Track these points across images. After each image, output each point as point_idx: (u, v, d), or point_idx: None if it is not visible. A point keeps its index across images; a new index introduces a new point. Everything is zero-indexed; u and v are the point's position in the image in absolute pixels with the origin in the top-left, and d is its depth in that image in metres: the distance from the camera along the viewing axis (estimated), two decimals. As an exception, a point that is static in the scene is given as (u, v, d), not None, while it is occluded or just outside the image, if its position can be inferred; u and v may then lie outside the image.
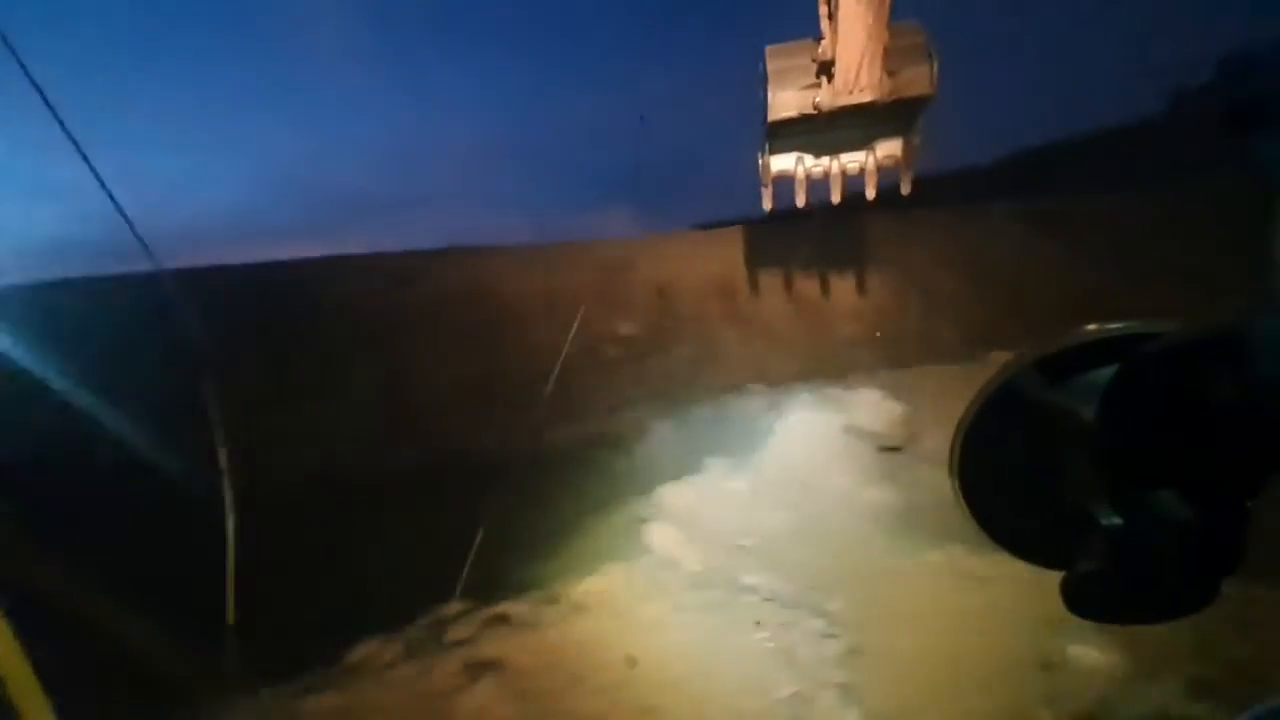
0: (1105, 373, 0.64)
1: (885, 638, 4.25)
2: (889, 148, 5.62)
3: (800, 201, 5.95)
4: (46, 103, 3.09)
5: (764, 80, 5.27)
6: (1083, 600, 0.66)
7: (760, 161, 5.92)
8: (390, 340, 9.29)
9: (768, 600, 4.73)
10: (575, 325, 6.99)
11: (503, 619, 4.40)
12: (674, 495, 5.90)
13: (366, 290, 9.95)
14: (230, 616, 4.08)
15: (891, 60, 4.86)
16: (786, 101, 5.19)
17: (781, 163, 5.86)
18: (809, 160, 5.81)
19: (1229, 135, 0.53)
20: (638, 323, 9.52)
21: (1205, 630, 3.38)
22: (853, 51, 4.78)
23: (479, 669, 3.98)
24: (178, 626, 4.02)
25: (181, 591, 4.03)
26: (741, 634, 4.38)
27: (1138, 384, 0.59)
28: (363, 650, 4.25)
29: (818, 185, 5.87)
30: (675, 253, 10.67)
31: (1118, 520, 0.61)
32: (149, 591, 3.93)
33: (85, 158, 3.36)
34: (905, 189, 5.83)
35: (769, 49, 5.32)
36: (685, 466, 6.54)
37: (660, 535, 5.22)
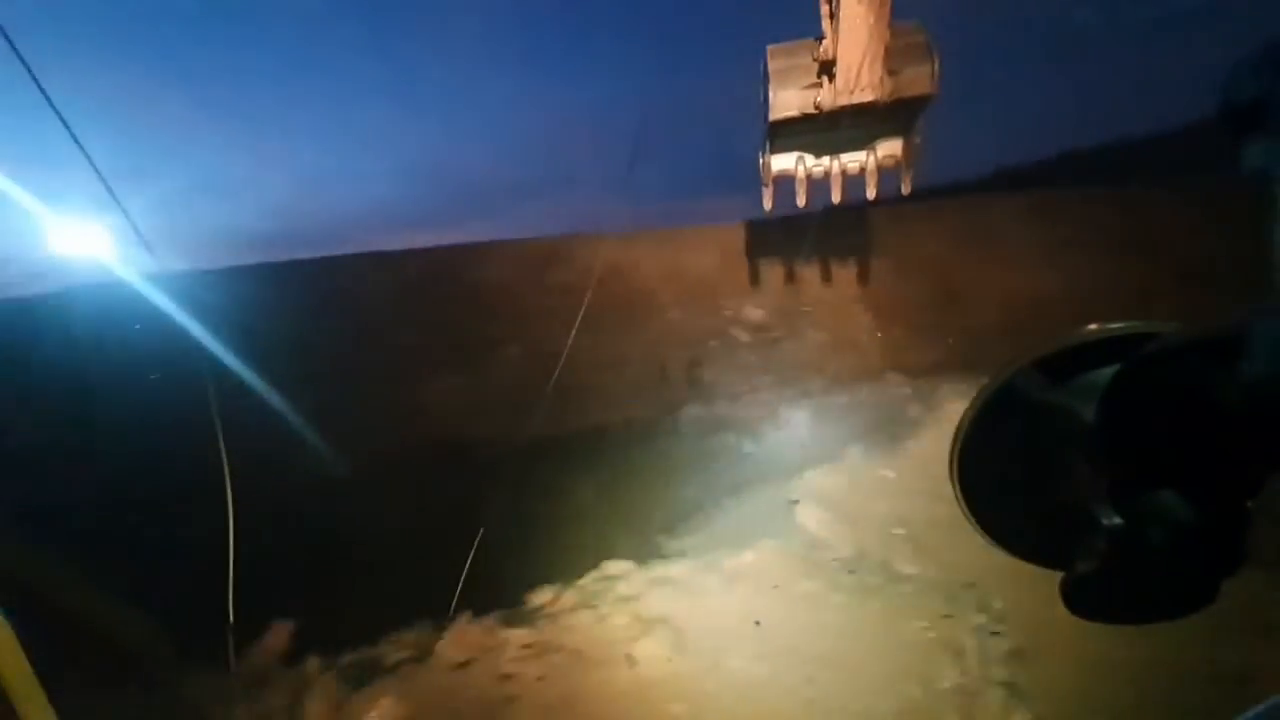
0: (1105, 373, 0.64)
1: (1053, 641, 4.06)
2: (890, 147, 5.58)
3: (801, 201, 5.91)
4: (53, 107, 2.87)
5: (765, 80, 5.27)
6: (1083, 600, 0.65)
7: (761, 161, 5.92)
8: (531, 322, 9.96)
9: (926, 590, 4.66)
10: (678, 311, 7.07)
11: (665, 581, 4.69)
12: (821, 480, 5.91)
13: (509, 275, 10.74)
14: (231, 616, 3.96)
15: (893, 60, 4.84)
16: (788, 101, 5.18)
17: (782, 162, 5.85)
18: (810, 160, 5.79)
19: (1229, 137, 0.52)
20: (767, 308, 9.48)
21: None
22: (854, 51, 4.76)
23: (649, 623, 4.31)
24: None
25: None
26: (902, 620, 4.36)
27: (1138, 384, 0.59)
28: (542, 596, 4.73)
29: (819, 185, 5.85)
30: (803, 236, 10.47)
31: (1118, 520, 0.60)
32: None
33: (94, 165, 3.25)
34: (905, 189, 5.74)
35: (770, 48, 5.30)
36: (826, 453, 6.52)
37: (811, 518, 5.27)
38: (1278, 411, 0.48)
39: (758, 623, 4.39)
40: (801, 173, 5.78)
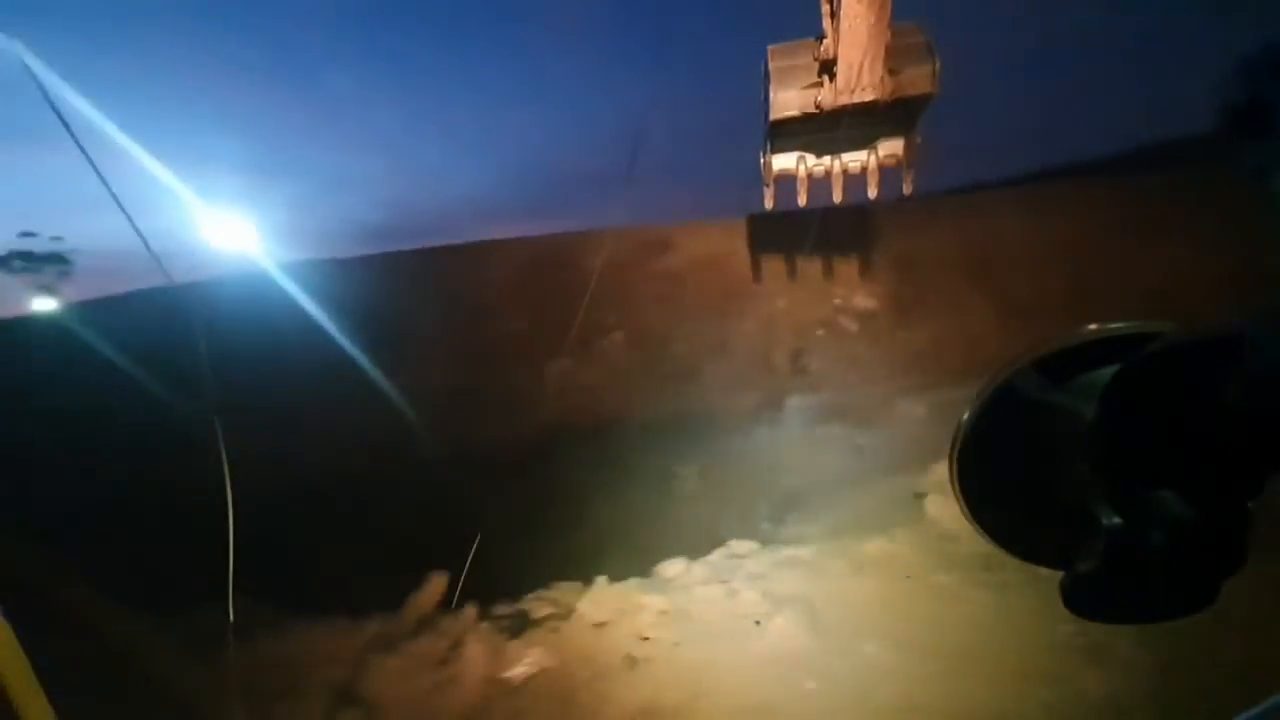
0: (1105, 373, 0.63)
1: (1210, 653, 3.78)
2: (891, 147, 5.57)
3: (802, 200, 5.92)
4: (61, 117, 2.99)
5: (766, 79, 5.28)
6: (1083, 600, 0.64)
7: (762, 161, 5.91)
8: (636, 308, 10.23)
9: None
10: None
11: (794, 562, 4.78)
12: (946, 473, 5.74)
13: (614, 261, 11.04)
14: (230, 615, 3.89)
15: (893, 59, 4.84)
16: (788, 101, 5.19)
17: (783, 162, 5.84)
18: (811, 159, 5.78)
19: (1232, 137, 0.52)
20: (879, 296, 9.20)
21: None
22: (854, 51, 4.75)
23: (781, 601, 4.42)
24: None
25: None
26: (1048, 622, 4.21)
27: (1138, 384, 0.58)
28: (672, 568, 4.96)
29: (820, 184, 5.86)
30: (915, 221, 10.02)
31: (1118, 520, 0.60)
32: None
33: (97, 170, 3.31)
34: (907, 189, 5.73)
35: (771, 48, 5.33)
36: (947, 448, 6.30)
37: (944, 511, 5.16)
38: (1278, 411, 0.48)
39: (757, 622, 4.43)
40: (803, 172, 5.80)
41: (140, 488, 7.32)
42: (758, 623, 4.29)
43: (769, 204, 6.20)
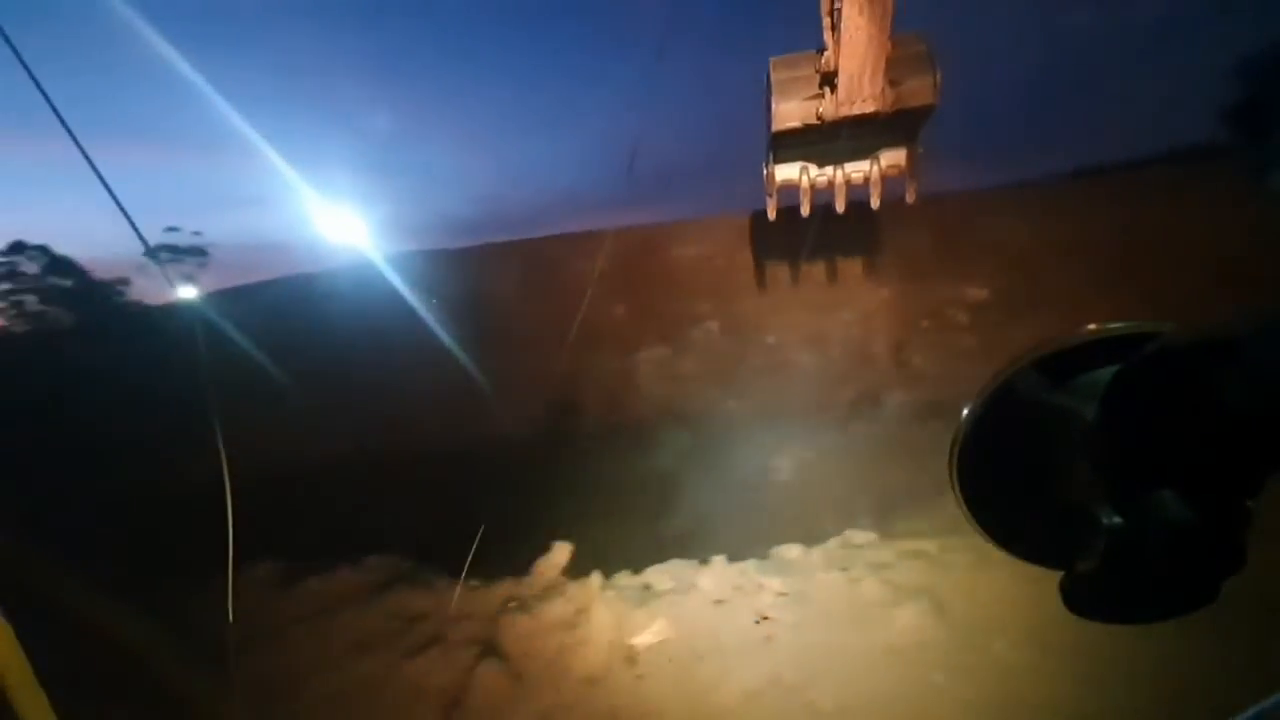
0: (1105, 373, 0.62)
1: None
2: (893, 157, 5.60)
3: (805, 210, 5.98)
4: (63, 123, 2.72)
5: (768, 91, 5.34)
6: (1083, 600, 0.63)
7: (765, 171, 5.97)
8: (730, 297, 10.27)
9: (1233, 602, 4.16)
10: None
11: (917, 554, 4.74)
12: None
13: (707, 251, 11.12)
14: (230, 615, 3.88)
15: (894, 70, 4.87)
16: (790, 112, 5.26)
17: (786, 172, 5.87)
18: (813, 170, 5.81)
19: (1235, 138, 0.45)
20: (991, 287, 8.77)
21: None
22: (855, 62, 4.79)
23: (906, 592, 4.41)
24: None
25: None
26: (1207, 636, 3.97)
27: (1138, 384, 0.58)
28: (790, 552, 5.04)
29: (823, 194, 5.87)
30: (1019, 208, 9.45)
31: (1118, 520, 0.59)
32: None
33: (93, 166, 2.90)
34: (910, 198, 5.71)
35: (773, 60, 5.40)
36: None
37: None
38: (1278, 411, 0.48)
39: (757, 622, 4.50)
40: (805, 183, 5.84)
41: (268, 457, 8.19)
42: (885, 619, 4.30)
43: (771, 214, 6.36)
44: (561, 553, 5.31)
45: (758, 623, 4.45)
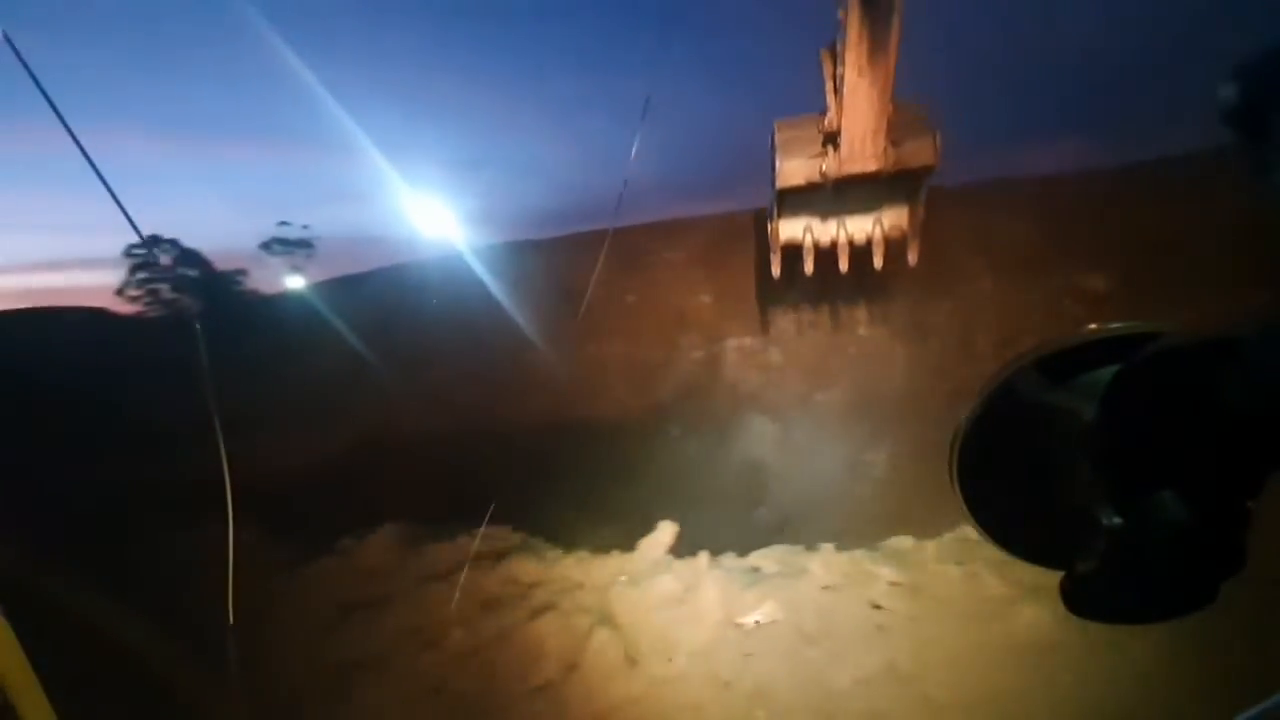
0: (1105, 373, 0.62)
1: None
2: (895, 218, 5.75)
3: (809, 269, 6.14)
4: (72, 133, 2.97)
5: (772, 151, 5.53)
6: (1083, 600, 0.64)
7: (770, 228, 6.20)
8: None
9: None
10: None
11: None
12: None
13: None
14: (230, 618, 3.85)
15: (895, 132, 5.04)
16: (795, 170, 5.42)
17: (790, 230, 6.04)
18: (817, 228, 5.97)
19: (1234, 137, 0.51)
20: (1116, 279, 8.16)
21: None
22: (858, 123, 4.95)
23: (1028, 590, 4.29)
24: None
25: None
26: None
27: (1138, 384, 0.57)
28: (901, 543, 5.02)
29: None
30: (1144, 192, 8.67)
31: (1118, 520, 0.59)
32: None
33: (96, 169, 3.20)
34: (912, 259, 5.85)
35: (778, 122, 5.59)
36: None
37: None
38: (1278, 411, 0.47)
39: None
40: (809, 241, 5.99)
41: (396, 429, 8.85)
42: (1006, 616, 4.20)
43: (776, 271, 6.51)
44: (667, 532, 5.50)
45: (871, 611, 4.47)
